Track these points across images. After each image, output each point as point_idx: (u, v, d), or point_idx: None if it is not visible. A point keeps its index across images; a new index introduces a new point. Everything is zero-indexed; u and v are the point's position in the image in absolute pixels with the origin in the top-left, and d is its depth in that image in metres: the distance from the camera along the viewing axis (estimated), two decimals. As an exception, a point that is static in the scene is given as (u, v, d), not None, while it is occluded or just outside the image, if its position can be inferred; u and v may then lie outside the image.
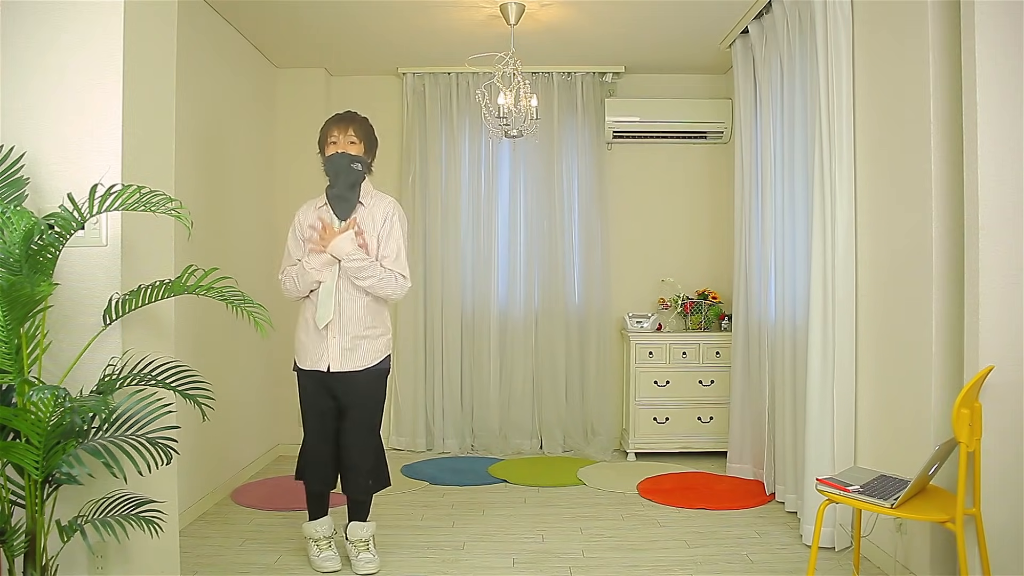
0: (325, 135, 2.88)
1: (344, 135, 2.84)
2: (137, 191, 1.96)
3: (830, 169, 3.00)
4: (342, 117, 2.89)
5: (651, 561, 2.95)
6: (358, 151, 2.85)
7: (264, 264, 4.53)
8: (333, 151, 2.83)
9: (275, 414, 4.68)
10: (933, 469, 2.21)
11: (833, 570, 2.83)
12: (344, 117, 2.89)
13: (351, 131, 2.84)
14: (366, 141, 2.88)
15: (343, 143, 2.83)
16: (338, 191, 2.82)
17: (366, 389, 2.84)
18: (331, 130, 2.86)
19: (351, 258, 2.74)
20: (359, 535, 2.88)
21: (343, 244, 2.74)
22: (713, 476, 4.14)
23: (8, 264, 1.90)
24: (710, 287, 4.84)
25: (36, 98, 2.20)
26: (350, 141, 2.84)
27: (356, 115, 2.92)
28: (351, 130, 2.84)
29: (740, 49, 4.06)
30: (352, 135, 2.84)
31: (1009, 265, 2.25)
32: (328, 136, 2.86)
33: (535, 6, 3.73)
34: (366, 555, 2.85)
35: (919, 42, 2.56)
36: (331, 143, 2.85)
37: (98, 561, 2.16)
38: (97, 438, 1.96)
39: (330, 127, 2.87)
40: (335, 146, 2.84)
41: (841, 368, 2.97)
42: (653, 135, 4.79)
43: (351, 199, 2.83)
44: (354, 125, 2.86)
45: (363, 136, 2.87)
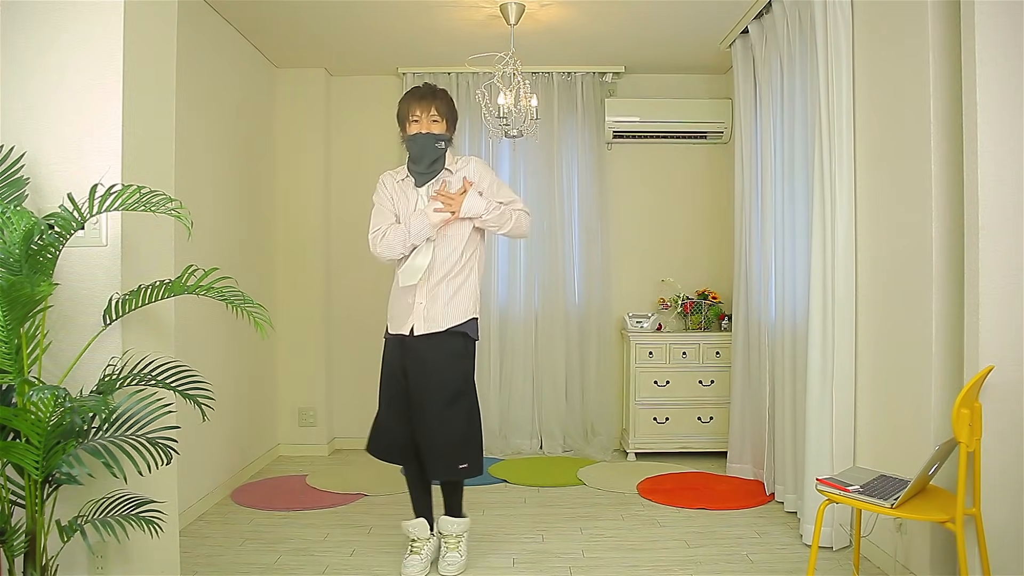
0: (406, 111, 2.84)
1: (427, 114, 2.81)
2: (137, 191, 1.96)
3: (830, 169, 3.00)
4: (423, 94, 2.84)
5: (651, 561, 2.95)
6: (440, 129, 2.83)
7: (264, 264, 4.53)
8: (416, 130, 2.81)
9: (275, 414, 4.69)
10: (933, 469, 2.21)
11: (833, 570, 2.83)
12: (425, 94, 2.84)
13: (433, 109, 2.81)
14: (448, 117, 2.86)
15: (426, 122, 2.81)
16: (422, 169, 2.83)
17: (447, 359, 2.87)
18: (413, 108, 2.82)
19: (489, 211, 2.83)
20: (449, 530, 2.89)
21: (474, 202, 2.80)
22: (713, 476, 4.14)
23: (8, 264, 1.90)
24: (710, 287, 4.84)
25: (36, 98, 2.20)
26: (432, 120, 2.81)
27: (437, 90, 2.88)
28: (434, 108, 2.81)
29: (740, 49, 4.06)
30: (435, 113, 2.81)
31: (1009, 265, 2.25)
32: (410, 113, 2.83)
33: (535, 6, 3.73)
34: (453, 555, 2.85)
35: (919, 42, 2.56)
36: (413, 121, 2.82)
37: (98, 561, 2.16)
38: (97, 438, 1.96)
39: (411, 104, 2.83)
40: (417, 124, 2.81)
41: (841, 368, 2.97)
42: (653, 135, 4.79)
43: (436, 170, 2.86)
44: (436, 102, 2.83)
45: (445, 113, 2.84)
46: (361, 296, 4.91)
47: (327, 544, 3.15)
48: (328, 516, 3.52)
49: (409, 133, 2.84)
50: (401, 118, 2.88)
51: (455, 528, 2.88)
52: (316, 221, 4.75)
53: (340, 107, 4.93)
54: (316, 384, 4.74)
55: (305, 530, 3.32)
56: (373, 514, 3.54)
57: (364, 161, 4.93)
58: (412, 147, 2.83)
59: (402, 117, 2.87)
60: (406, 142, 2.86)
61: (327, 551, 3.07)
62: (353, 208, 4.92)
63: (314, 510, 3.60)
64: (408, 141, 2.85)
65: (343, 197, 4.91)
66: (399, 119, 2.90)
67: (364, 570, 2.89)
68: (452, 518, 2.90)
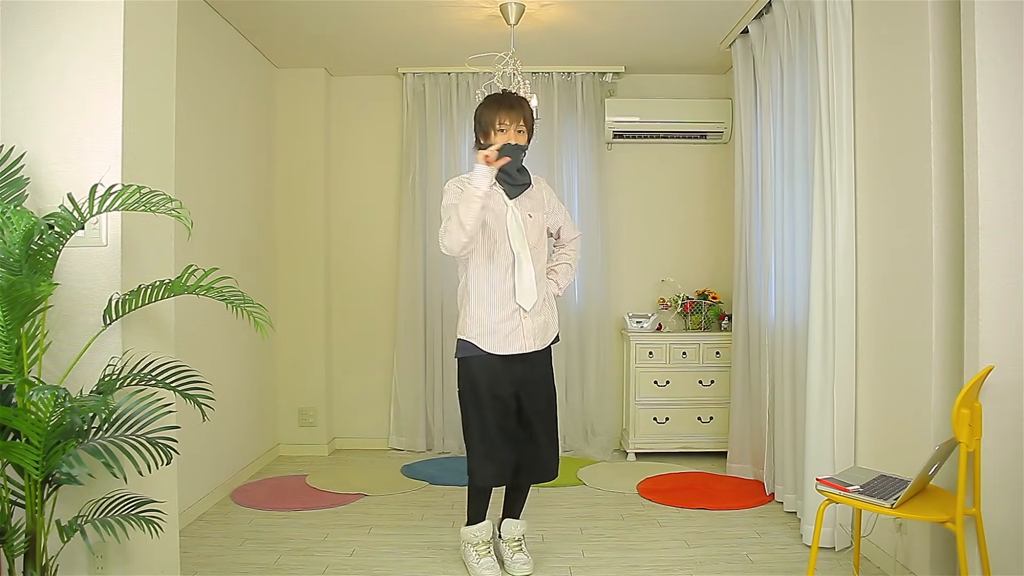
0: (492, 119, 2.77)
1: (515, 124, 2.76)
2: (137, 191, 1.96)
3: (830, 169, 3.00)
4: (511, 104, 2.78)
5: (651, 561, 2.95)
6: (523, 140, 2.79)
7: (264, 264, 4.53)
8: (503, 140, 2.73)
9: (275, 414, 4.69)
10: (933, 469, 2.21)
11: (833, 570, 2.83)
12: (513, 104, 2.78)
13: (522, 120, 2.77)
14: (530, 128, 2.82)
15: (512, 133, 2.75)
16: (514, 180, 2.79)
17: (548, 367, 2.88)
18: (501, 117, 2.75)
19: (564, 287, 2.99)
20: (514, 532, 2.89)
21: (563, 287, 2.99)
22: (713, 476, 4.14)
23: (8, 264, 1.90)
24: (710, 287, 4.84)
25: (36, 98, 2.20)
26: (518, 130, 2.77)
27: (523, 101, 2.83)
28: (522, 119, 2.77)
29: (740, 49, 4.06)
30: (521, 125, 2.77)
31: (1009, 265, 2.25)
32: (497, 122, 2.76)
33: (535, 6, 3.73)
34: (521, 556, 2.85)
35: (919, 42, 2.56)
36: (500, 131, 2.75)
37: (98, 561, 2.16)
38: (97, 438, 1.96)
39: (499, 113, 2.76)
40: (504, 135, 2.74)
41: (841, 368, 2.97)
42: (653, 135, 4.79)
43: (526, 183, 2.84)
44: (524, 112, 2.79)
45: (529, 124, 2.81)
46: (361, 296, 4.91)
47: (327, 544, 3.15)
48: (328, 516, 3.52)
49: (494, 142, 2.74)
50: (484, 126, 2.79)
51: (521, 529, 2.91)
52: (316, 221, 4.75)
53: (340, 107, 4.93)
54: (316, 384, 4.74)
55: (305, 530, 3.32)
56: (373, 514, 3.54)
57: (364, 161, 4.93)
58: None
59: (485, 125, 2.78)
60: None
61: (327, 551, 3.07)
62: (353, 208, 4.93)
63: (314, 510, 3.60)
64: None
65: (343, 197, 4.92)
66: (481, 126, 2.81)
67: (364, 570, 2.89)
68: (518, 520, 2.93)
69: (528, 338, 2.78)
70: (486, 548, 2.86)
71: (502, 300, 2.76)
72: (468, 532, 2.88)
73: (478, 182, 2.64)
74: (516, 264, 2.76)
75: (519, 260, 2.75)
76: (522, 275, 2.75)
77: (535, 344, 2.80)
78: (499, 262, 2.76)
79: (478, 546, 2.86)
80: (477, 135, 2.85)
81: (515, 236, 2.76)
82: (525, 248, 2.77)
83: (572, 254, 3.04)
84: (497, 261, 2.76)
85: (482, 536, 2.87)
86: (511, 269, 2.76)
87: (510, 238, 2.76)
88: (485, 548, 2.86)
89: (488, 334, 2.76)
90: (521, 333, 2.77)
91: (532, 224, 2.82)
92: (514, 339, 2.76)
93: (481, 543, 2.86)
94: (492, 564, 2.82)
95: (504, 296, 2.76)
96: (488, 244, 2.77)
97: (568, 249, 3.04)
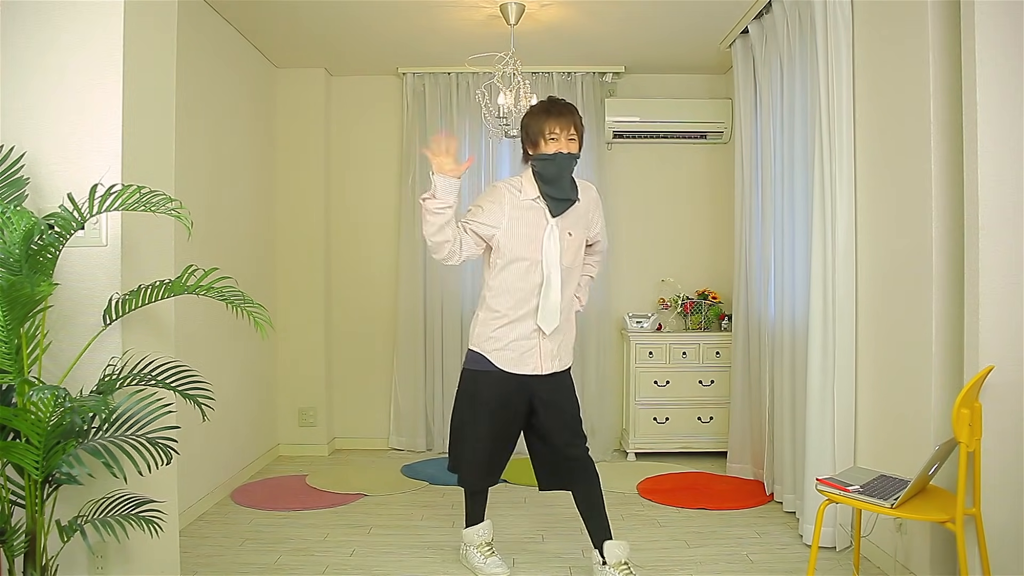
0: (542, 128, 2.61)
1: (566, 133, 2.61)
2: (137, 191, 1.96)
3: (830, 169, 3.00)
4: (561, 111, 2.63)
5: (651, 561, 2.95)
6: (575, 148, 2.64)
7: (264, 264, 4.53)
8: (555, 148, 2.59)
9: (275, 414, 4.69)
10: (933, 469, 2.21)
11: (833, 570, 2.83)
12: (563, 111, 2.63)
13: (573, 128, 2.62)
14: (581, 137, 2.67)
15: (564, 141, 2.60)
16: (562, 193, 2.63)
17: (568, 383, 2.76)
18: (552, 125, 2.60)
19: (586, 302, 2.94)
20: (618, 555, 2.64)
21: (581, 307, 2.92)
22: (713, 476, 4.14)
23: (8, 264, 1.90)
24: (710, 287, 4.84)
25: (36, 98, 2.20)
26: (570, 138, 2.62)
27: (572, 108, 2.67)
28: (573, 126, 2.63)
29: (740, 49, 4.06)
30: (573, 133, 2.62)
31: (1009, 265, 2.25)
32: (547, 131, 2.60)
33: (535, 6, 3.73)
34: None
35: (919, 42, 2.56)
36: (551, 139, 2.60)
37: (98, 561, 2.16)
38: (97, 438, 1.96)
39: (550, 121, 2.61)
40: (555, 143, 2.60)
41: (841, 368, 2.97)
42: (653, 135, 4.78)
43: (573, 199, 2.66)
44: (575, 120, 2.64)
45: (580, 132, 2.66)
46: (361, 296, 4.91)
47: (327, 544, 3.15)
48: (328, 516, 3.52)
49: (545, 152, 2.61)
50: (532, 135, 2.64)
51: (625, 551, 2.67)
52: (316, 221, 4.75)
53: (340, 107, 4.93)
54: (316, 384, 4.74)
55: (305, 530, 3.32)
56: (373, 514, 3.54)
57: (364, 161, 4.93)
58: (549, 168, 2.60)
59: (534, 135, 2.63)
60: (540, 162, 2.62)
61: (327, 551, 3.07)
62: (353, 208, 4.93)
63: (314, 510, 3.60)
64: (544, 161, 2.60)
65: (343, 197, 4.92)
66: (528, 136, 2.66)
67: (364, 570, 2.89)
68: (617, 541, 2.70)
69: (545, 359, 2.68)
70: (489, 548, 2.85)
71: (524, 319, 2.65)
72: (469, 533, 2.87)
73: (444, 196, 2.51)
74: (545, 284, 2.63)
75: (548, 281, 2.62)
76: (548, 297, 2.62)
77: (552, 366, 2.69)
78: (529, 280, 2.64)
79: (481, 547, 2.84)
80: (524, 146, 2.71)
81: (550, 258, 2.62)
82: (557, 270, 2.63)
83: (595, 268, 2.94)
84: (527, 279, 2.64)
85: (484, 537, 2.85)
86: (539, 289, 2.64)
87: (544, 258, 2.62)
88: (488, 548, 2.84)
89: (502, 350, 2.67)
90: (537, 354, 2.67)
91: (570, 243, 2.67)
92: (528, 359, 2.66)
93: (484, 544, 2.84)
94: (500, 562, 2.81)
95: (527, 315, 2.65)
96: (519, 260, 2.64)
97: (592, 260, 2.92)
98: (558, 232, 2.65)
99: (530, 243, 2.63)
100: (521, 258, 2.64)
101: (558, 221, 2.66)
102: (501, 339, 2.67)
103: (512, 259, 2.64)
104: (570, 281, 2.71)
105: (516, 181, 2.70)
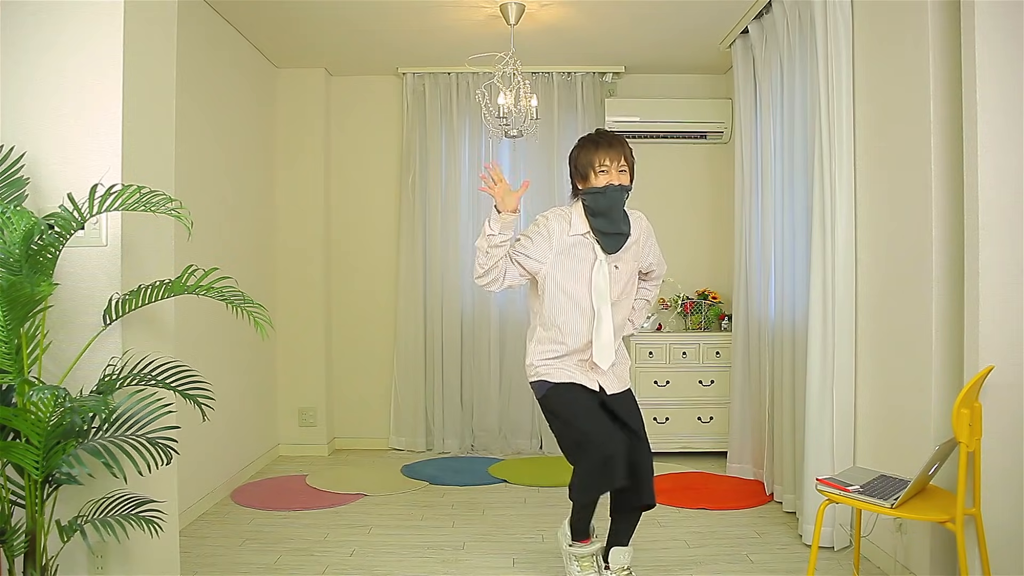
0: (591, 160, 2.55)
1: (616, 164, 2.53)
2: (137, 191, 1.96)
3: (830, 169, 3.00)
4: (611, 142, 2.57)
5: (651, 561, 2.95)
6: (626, 180, 2.57)
7: (264, 264, 4.53)
8: (605, 181, 2.52)
9: (275, 414, 4.69)
10: (933, 469, 2.21)
11: (833, 570, 2.83)
12: (613, 142, 2.57)
13: (623, 159, 2.56)
14: (632, 168, 2.61)
15: (614, 172, 2.53)
16: (614, 227, 2.55)
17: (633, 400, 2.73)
18: (601, 157, 2.53)
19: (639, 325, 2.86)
20: (622, 562, 2.66)
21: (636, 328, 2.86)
22: (713, 476, 4.14)
23: (8, 264, 1.90)
24: (710, 287, 4.84)
25: (36, 98, 2.20)
26: (620, 170, 2.55)
27: (623, 139, 2.61)
28: (623, 157, 2.56)
29: (740, 49, 4.06)
30: (623, 164, 2.56)
31: (1009, 265, 2.25)
32: (597, 163, 2.53)
33: (535, 6, 3.73)
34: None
35: (919, 42, 2.56)
36: (601, 172, 2.53)
37: (98, 561, 2.16)
38: (97, 438, 1.96)
39: (599, 153, 2.54)
40: (606, 175, 2.52)
41: (841, 368, 2.97)
42: (653, 135, 4.78)
43: (626, 233, 2.59)
44: (624, 150, 2.57)
45: (631, 163, 2.60)
46: (361, 296, 4.91)
47: (327, 544, 3.15)
48: (328, 516, 3.52)
49: (596, 185, 2.53)
50: (581, 168, 2.58)
51: (627, 559, 2.68)
52: (316, 221, 4.75)
53: (340, 107, 4.93)
54: (316, 384, 4.74)
55: (305, 530, 3.32)
56: (373, 514, 3.54)
57: (364, 161, 4.93)
58: (600, 201, 2.52)
59: (583, 167, 2.57)
60: (589, 196, 2.54)
61: (327, 551, 3.07)
62: (353, 208, 4.93)
63: (314, 510, 3.60)
64: (595, 195, 2.53)
65: (343, 197, 4.92)
66: (578, 170, 2.59)
67: (364, 570, 2.89)
68: (624, 548, 2.69)
69: (604, 383, 2.63)
70: (590, 562, 2.69)
71: (576, 352, 2.60)
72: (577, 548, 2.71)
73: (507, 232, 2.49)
74: (596, 321, 2.55)
75: (599, 317, 2.55)
76: (600, 333, 2.55)
77: (613, 387, 2.64)
78: (577, 315, 2.58)
79: (584, 559, 2.69)
80: (574, 180, 2.64)
81: (600, 294, 2.56)
82: (607, 305, 2.56)
83: (652, 291, 2.86)
84: (575, 314, 2.58)
85: (589, 549, 2.70)
86: (588, 324, 2.57)
87: (594, 294, 2.56)
88: (589, 562, 2.69)
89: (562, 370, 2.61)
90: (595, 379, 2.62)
91: (618, 276, 2.61)
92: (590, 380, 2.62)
93: (587, 556, 2.69)
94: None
95: (580, 349, 2.60)
96: (566, 295, 2.58)
97: (650, 285, 2.85)
98: (607, 267, 2.58)
99: (578, 279, 2.58)
100: (568, 292, 2.58)
101: (608, 262, 2.59)
102: (556, 365, 2.62)
103: (558, 293, 2.59)
104: (620, 312, 2.65)
105: (566, 212, 2.63)
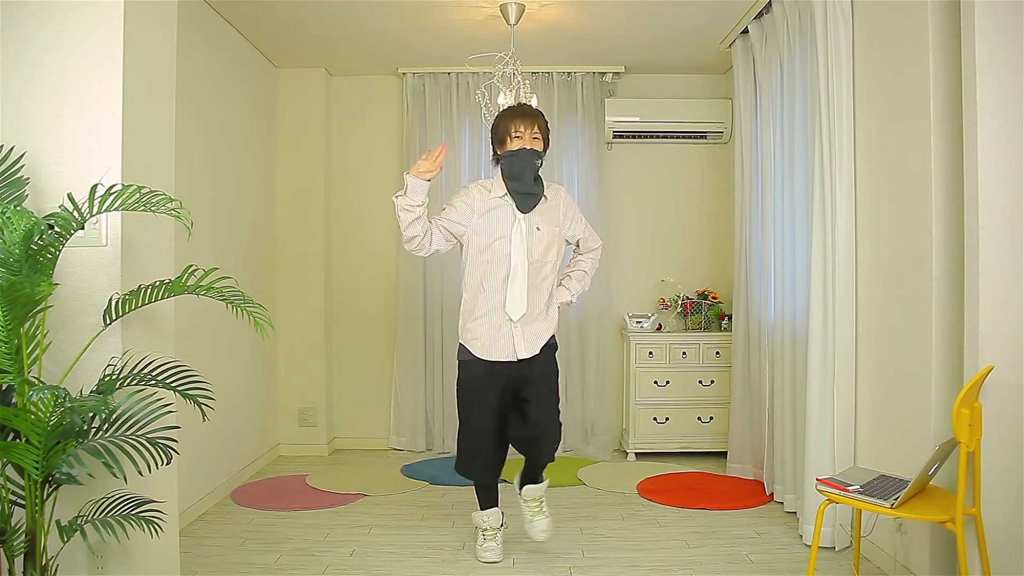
0: (507, 128, 2.83)
1: (529, 131, 2.81)
2: (137, 191, 1.96)
3: (830, 169, 3.00)
4: (525, 112, 2.86)
5: (651, 561, 2.95)
6: (539, 147, 2.84)
7: (264, 264, 4.53)
8: (518, 146, 2.80)
9: (275, 414, 4.69)
10: (933, 469, 2.21)
11: (833, 570, 2.83)
12: (527, 112, 2.86)
13: (536, 127, 2.83)
14: (545, 137, 2.87)
15: (528, 138, 2.81)
16: (526, 187, 2.82)
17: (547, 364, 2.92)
18: (516, 124, 2.81)
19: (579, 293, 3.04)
20: (534, 494, 2.96)
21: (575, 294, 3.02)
22: (713, 476, 4.14)
23: (8, 264, 1.90)
24: (710, 287, 4.84)
25: (36, 98, 2.20)
26: (534, 136, 2.82)
27: (539, 112, 2.90)
28: (536, 126, 2.83)
29: (740, 49, 4.06)
30: (536, 131, 2.83)
31: (1009, 265, 2.25)
32: (512, 130, 2.82)
33: (535, 6, 3.73)
34: (541, 520, 2.95)
35: (919, 42, 2.56)
36: (515, 137, 2.81)
37: (98, 561, 2.16)
38: (97, 438, 1.96)
39: (514, 121, 2.82)
40: (520, 140, 2.81)
41: (841, 368, 2.97)
42: (653, 135, 4.79)
43: (538, 193, 2.85)
44: (539, 120, 2.85)
45: (544, 132, 2.86)
46: (361, 296, 4.91)
47: (327, 544, 3.15)
48: (328, 516, 3.52)
49: (510, 149, 2.82)
50: (499, 135, 2.86)
51: (540, 491, 2.98)
52: (316, 221, 4.75)
53: (340, 107, 4.93)
54: (316, 384, 4.74)
55: (305, 530, 3.32)
56: (373, 514, 3.54)
57: (364, 161, 4.93)
58: (513, 163, 2.81)
59: (501, 134, 2.85)
60: (505, 159, 2.83)
61: (327, 551, 3.07)
62: (353, 208, 4.93)
63: (314, 510, 3.60)
64: (509, 157, 2.82)
65: (343, 197, 4.92)
66: (496, 137, 2.88)
67: (364, 570, 2.89)
68: (536, 485, 2.98)
69: (518, 346, 2.83)
70: (493, 533, 2.97)
71: (494, 309, 2.83)
72: (476, 517, 3.03)
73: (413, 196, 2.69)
74: (511, 274, 2.81)
75: (514, 272, 2.81)
76: (514, 287, 2.81)
77: (525, 352, 2.84)
78: (497, 274, 2.82)
79: (486, 531, 2.97)
80: (494, 146, 2.90)
81: (516, 249, 2.81)
82: (524, 261, 2.81)
83: (589, 263, 3.09)
84: (495, 273, 2.82)
85: (489, 522, 2.97)
86: (506, 280, 2.82)
87: (511, 251, 2.81)
88: (492, 533, 2.97)
89: (479, 339, 2.85)
90: (511, 341, 2.83)
91: (538, 237, 2.84)
92: (504, 347, 2.83)
93: (490, 528, 2.97)
94: (494, 548, 2.95)
95: (497, 306, 2.83)
96: (488, 255, 2.82)
97: (585, 257, 3.09)
98: (525, 226, 2.83)
99: (498, 238, 2.81)
100: (489, 252, 2.82)
101: (526, 216, 2.83)
102: (476, 329, 2.86)
103: (481, 254, 2.83)
104: (541, 274, 2.86)
105: (487, 182, 2.90)
